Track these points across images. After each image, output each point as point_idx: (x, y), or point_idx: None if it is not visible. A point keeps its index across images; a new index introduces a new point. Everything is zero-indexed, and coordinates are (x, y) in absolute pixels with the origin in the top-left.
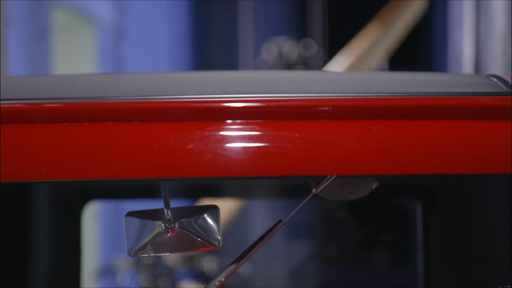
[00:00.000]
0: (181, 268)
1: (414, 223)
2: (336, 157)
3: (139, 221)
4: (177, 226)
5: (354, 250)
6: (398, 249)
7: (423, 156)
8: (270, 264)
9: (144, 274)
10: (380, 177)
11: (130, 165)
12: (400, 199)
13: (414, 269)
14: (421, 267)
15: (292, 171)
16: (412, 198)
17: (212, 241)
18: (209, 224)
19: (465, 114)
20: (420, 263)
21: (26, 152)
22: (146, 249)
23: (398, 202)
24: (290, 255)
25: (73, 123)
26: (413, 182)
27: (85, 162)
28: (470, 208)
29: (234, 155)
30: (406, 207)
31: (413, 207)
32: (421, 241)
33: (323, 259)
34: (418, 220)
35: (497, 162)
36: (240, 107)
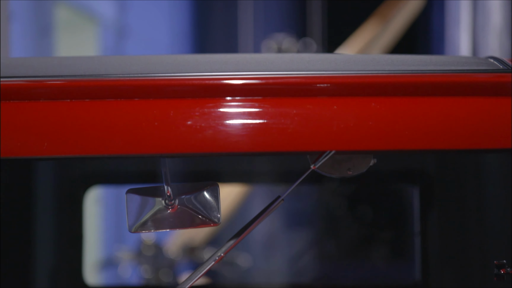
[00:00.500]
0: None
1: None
2: (334, 133)
3: (140, 198)
4: (177, 203)
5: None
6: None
7: (421, 132)
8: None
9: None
10: (377, 153)
11: (130, 141)
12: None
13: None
14: (418, 251)
15: (291, 147)
16: (410, 184)
17: (211, 218)
18: (209, 201)
19: (463, 91)
20: (417, 247)
21: (26, 128)
22: (146, 226)
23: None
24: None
25: (74, 100)
26: (411, 168)
27: (86, 138)
28: (467, 194)
29: (233, 131)
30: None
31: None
32: (418, 226)
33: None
34: (415, 206)
35: (495, 138)
36: (239, 84)
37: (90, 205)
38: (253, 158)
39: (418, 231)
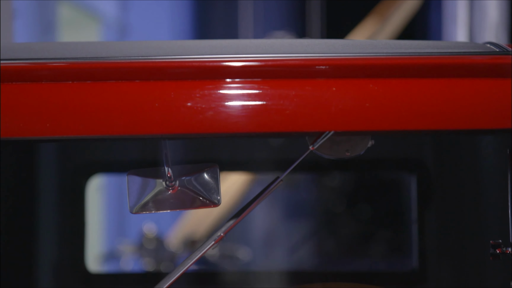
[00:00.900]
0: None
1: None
2: (333, 114)
3: (141, 179)
4: (177, 184)
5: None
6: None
7: (418, 113)
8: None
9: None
10: (375, 134)
11: (131, 122)
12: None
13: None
14: (415, 239)
15: (289, 128)
16: (407, 173)
17: (212, 199)
18: (209, 182)
19: (461, 73)
20: (414, 235)
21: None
22: (147, 207)
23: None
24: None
25: (76, 82)
26: (408, 157)
27: (88, 119)
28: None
29: (233, 112)
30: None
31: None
32: (416, 214)
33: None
34: (413, 194)
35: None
36: (239, 66)
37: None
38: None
39: (415, 219)
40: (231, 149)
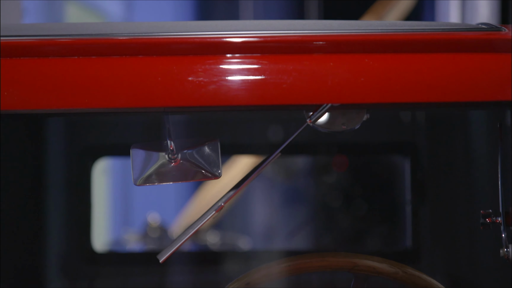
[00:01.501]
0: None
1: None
2: (329, 87)
3: (144, 152)
4: (179, 157)
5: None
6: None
7: (411, 86)
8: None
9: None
10: (371, 107)
11: (135, 95)
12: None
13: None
14: (409, 218)
15: (288, 101)
16: (401, 156)
17: (213, 172)
18: (210, 155)
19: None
20: (408, 214)
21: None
22: (150, 179)
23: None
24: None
25: (81, 57)
26: (402, 140)
27: (93, 92)
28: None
29: (233, 85)
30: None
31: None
32: (409, 194)
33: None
34: (406, 176)
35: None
36: (239, 42)
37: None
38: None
39: (409, 199)
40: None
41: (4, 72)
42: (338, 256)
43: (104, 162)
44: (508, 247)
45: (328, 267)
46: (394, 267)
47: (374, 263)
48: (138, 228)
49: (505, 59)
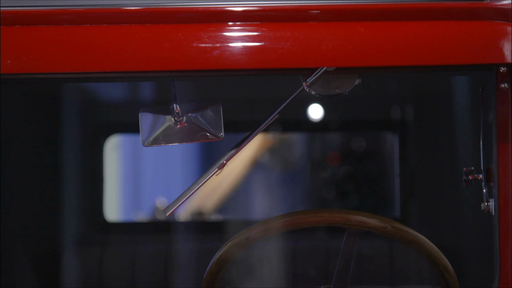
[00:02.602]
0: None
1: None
2: (324, 52)
3: (152, 115)
4: (184, 120)
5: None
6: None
7: (400, 51)
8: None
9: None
10: (362, 71)
11: (144, 59)
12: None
13: (392, 191)
14: (397, 189)
15: (285, 64)
16: (390, 132)
17: (215, 133)
18: (213, 117)
19: (439, 15)
20: (397, 186)
21: (54, 49)
22: (158, 140)
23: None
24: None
25: (93, 25)
26: (391, 118)
27: (105, 57)
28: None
29: (234, 51)
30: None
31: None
32: (398, 168)
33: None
34: (395, 151)
35: (464, 55)
36: (239, 10)
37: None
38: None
39: (397, 173)
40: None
41: (24, 38)
42: (331, 212)
43: (115, 139)
44: (489, 201)
45: (322, 222)
46: (383, 222)
47: (364, 218)
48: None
49: (487, 26)
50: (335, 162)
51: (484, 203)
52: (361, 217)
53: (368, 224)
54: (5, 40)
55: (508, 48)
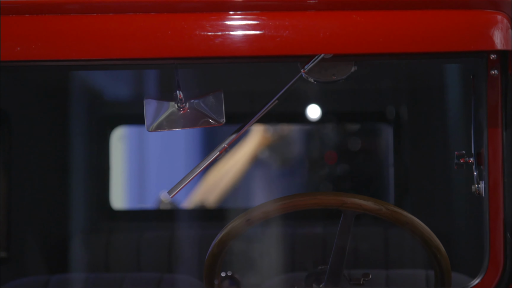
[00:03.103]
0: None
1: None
2: (321, 40)
3: (156, 102)
4: (187, 106)
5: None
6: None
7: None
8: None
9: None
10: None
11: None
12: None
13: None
14: (392, 178)
15: (285, 51)
16: (385, 123)
17: (217, 119)
18: (214, 104)
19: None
20: (391, 175)
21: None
22: (162, 125)
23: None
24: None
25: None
26: (386, 110)
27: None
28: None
29: (235, 38)
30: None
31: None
32: (392, 158)
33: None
34: (389, 141)
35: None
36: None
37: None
38: None
39: (391, 163)
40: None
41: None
42: (328, 195)
43: (121, 130)
44: (479, 184)
45: (320, 204)
46: (378, 204)
47: (360, 200)
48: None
49: (478, 15)
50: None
51: (475, 185)
52: (357, 199)
53: (364, 206)
54: (16, 29)
55: (498, 36)
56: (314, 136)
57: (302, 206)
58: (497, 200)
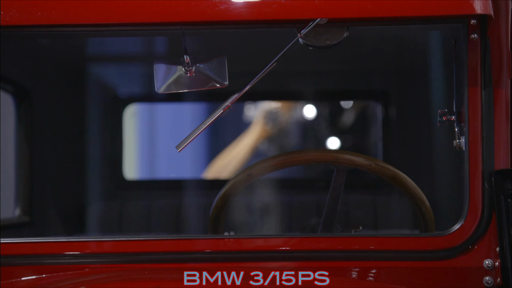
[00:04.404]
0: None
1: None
2: (317, 5)
3: (165, 66)
4: (193, 69)
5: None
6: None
7: (384, 4)
8: None
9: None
10: (350, 24)
11: (156, 10)
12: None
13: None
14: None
15: (283, 16)
16: (374, 101)
17: (220, 81)
18: (218, 68)
19: None
20: (380, 148)
21: (68, 1)
22: (170, 87)
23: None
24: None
25: None
26: (375, 88)
27: (118, 7)
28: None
29: (237, 4)
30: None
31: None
32: (381, 132)
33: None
34: (378, 118)
35: (441, 7)
36: None
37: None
38: None
39: (380, 137)
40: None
41: None
42: (323, 151)
43: (133, 107)
44: (460, 139)
45: (315, 160)
46: (368, 160)
47: (352, 156)
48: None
49: None
50: None
51: (456, 141)
52: (349, 155)
53: (355, 162)
54: None
55: (478, 3)
56: (309, 130)
57: (298, 162)
58: (476, 153)
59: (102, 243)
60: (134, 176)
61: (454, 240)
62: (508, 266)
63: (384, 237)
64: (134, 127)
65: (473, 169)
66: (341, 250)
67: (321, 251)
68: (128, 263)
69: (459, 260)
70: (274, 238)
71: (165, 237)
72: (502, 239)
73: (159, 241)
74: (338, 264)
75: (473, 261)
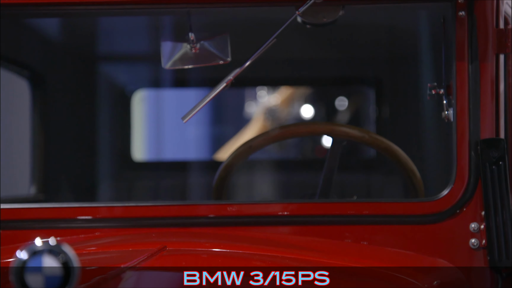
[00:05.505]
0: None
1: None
2: None
3: (171, 43)
4: (198, 46)
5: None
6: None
7: None
8: None
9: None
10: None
11: None
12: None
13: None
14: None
15: None
16: (367, 86)
17: (223, 57)
18: (221, 44)
19: None
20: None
21: None
22: (176, 63)
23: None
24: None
25: None
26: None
27: None
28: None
29: None
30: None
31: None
32: (374, 115)
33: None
34: (372, 102)
35: None
36: None
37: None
38: None
39: (373, 120)
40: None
41: None
42: (320, 124)
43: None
44: (448, 110)
45: (313, 132)
46: (362, 132)
47: (347, 128)
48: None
49: None
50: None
51: (444, 112)
52: (344, 128)
53: (350, 134)
54: None
55: None
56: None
57: (297, 134)
58: (463, 124)
59: (113, 208)
60: (142, 157)
61: (443, 205)
62: (493, 228)
63: (377, 203)
64: (142, 112)
65: (460, 139)
66: (337, 214)
67: (318, 216)
68: (137, 227)
69: (447, 223)
70: (273, 204)
71: (171, 203)
72: (488, 204)
73: (165, 206)
74: (335, 229)
75: (460, 225)
